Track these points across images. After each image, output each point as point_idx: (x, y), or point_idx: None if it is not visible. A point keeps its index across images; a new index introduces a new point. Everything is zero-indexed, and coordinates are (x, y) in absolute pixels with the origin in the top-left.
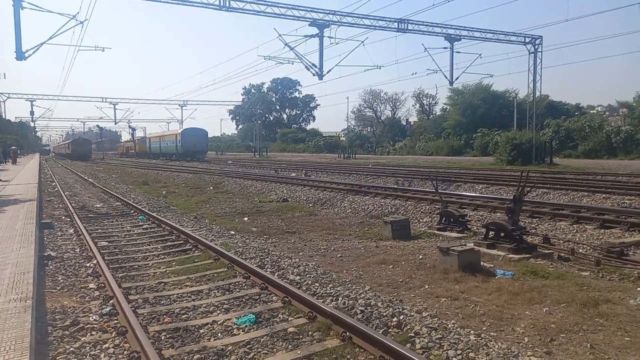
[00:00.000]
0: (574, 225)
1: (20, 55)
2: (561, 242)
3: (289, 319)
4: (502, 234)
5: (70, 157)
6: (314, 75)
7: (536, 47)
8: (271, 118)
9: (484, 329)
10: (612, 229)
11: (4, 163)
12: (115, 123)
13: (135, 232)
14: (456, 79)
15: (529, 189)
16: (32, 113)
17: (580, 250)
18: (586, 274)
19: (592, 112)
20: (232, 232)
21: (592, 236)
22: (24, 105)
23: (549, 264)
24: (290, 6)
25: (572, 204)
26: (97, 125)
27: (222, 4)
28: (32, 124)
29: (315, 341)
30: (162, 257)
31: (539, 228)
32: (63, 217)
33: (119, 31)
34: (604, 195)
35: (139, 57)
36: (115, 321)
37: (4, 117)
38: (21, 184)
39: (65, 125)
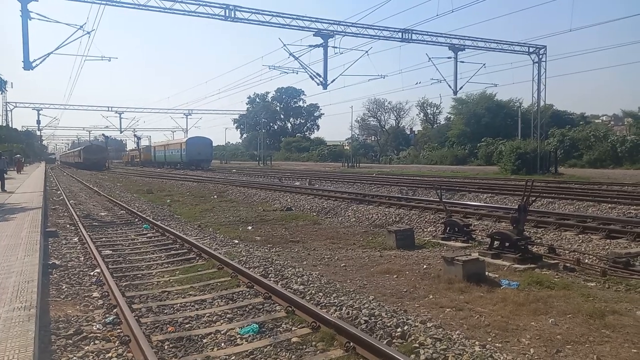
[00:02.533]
0: (580, 236)
1: (27, 65)
2: (567, 252)
3: (293, 328)
4: (507, 244)
5: (81, 167)
6: (318, 84)
7: (540, 56)
8: (275, 127)
9: (489, 339)
10: (618, 239)
11: (8, 172)
12: (121, 132)
13: (139, 240)
14: (460, 89)
15: (533, 198)
16: (38, 122)
17: (586, 261)
18: (592, 284)
19: (597, 121)
20: (236, 241)
21: (598, 246)
22: (30, 114)
23: (555, 275)
24: (295, 16)
25: (578, 213)
26: (103, 134)
27: (227, 15)
28: (38, 133)
29: (318, 351)
30: (166, 265)
31: (544, 238)
32: (68, 226)
33: (125, 41)
34: (609, 205)
35: (144, 67)
36: (119, 330)
37: (10, 125)
38: (27, 193)
39: (71, 134)
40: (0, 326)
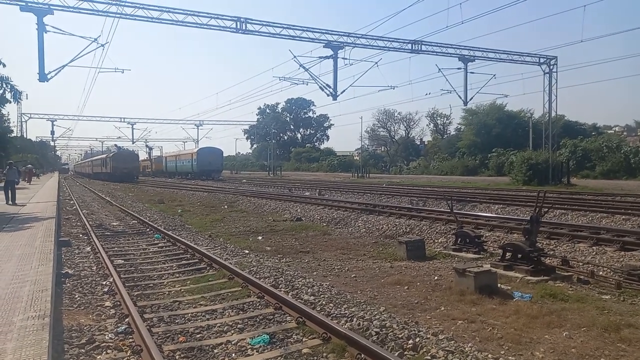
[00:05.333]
0: (594, 247)
1: (42, 77)
2: (580, 264)
3: (303, 339)
4: (520, 256)
5: (106, 178)
6: (328, 95)
7: (551, 67)
8: (285, 137)
9: (502, 353)
10: (632, 251)
11: (20, 182)
12: (133, 142)
13: (151, 250)
14: (470, 99)
15: (546, 209)
16: (52, 133)
17: (600, 273)
18: (607, 297)
19: (609, 132)
20: (246, 251)
21: (612, 258)
22: (45, 125)
23: (568, 287)
24: (305, 28)
25: (591, 225)
26: (115, 145)
27: (238, 27)
28: (52, 144)
29: None
30: (177, 275)
31: (557, 250)
32: (80, 235)
33: (138, 52)
34: (623, 217)
35: (157, 78)
36: (131, 340)
37: (25, 136)
38: (40, 202)
39: (84, 144)
40: (15, 335)
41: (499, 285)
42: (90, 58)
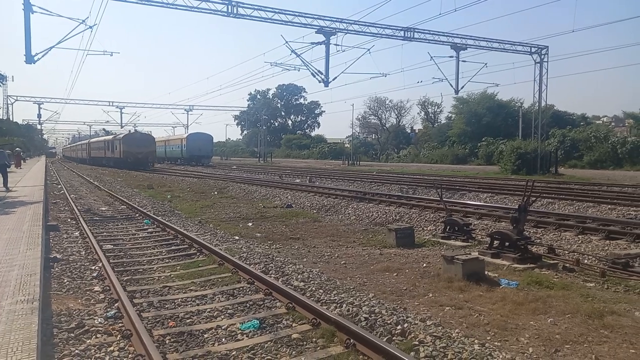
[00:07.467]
0: (579, 236)
1: (29, 59)
2: (566, 252)
3: (293, 325)
4: (507, 244)
5: (115, 164)
6: (319, 82)
7: (542, 57)
8: (276, 124)
9: (488, 338)
10: (617, 240)
11: (10, 167)
12: (122, 127)
13: (140, 235)
14: (462, 88)
15: (534, 198)
16: (39, 116)
17: (586, 261)
18: (591, 285)
19: (597, 122)
20: (237, 237)
21: (597, 247)
22: (31, 108)
23: (554, 275)
24: (297, 13)
25: (578, 214)
26: (104, 129)
27: (229, 11)
28: (39, 127)
29: (319, 348)
30: (167, 261)
31: (544, 238)
32: (69, 220)
33: (127, 35)
34: (609, 206)
35: (146, 62)
36: (120, 324)
37: (11, 119)
38: (28, 186)
39: (71, 128)
40: (4, 319)
41: (486, 272)
42: (78, 40)
